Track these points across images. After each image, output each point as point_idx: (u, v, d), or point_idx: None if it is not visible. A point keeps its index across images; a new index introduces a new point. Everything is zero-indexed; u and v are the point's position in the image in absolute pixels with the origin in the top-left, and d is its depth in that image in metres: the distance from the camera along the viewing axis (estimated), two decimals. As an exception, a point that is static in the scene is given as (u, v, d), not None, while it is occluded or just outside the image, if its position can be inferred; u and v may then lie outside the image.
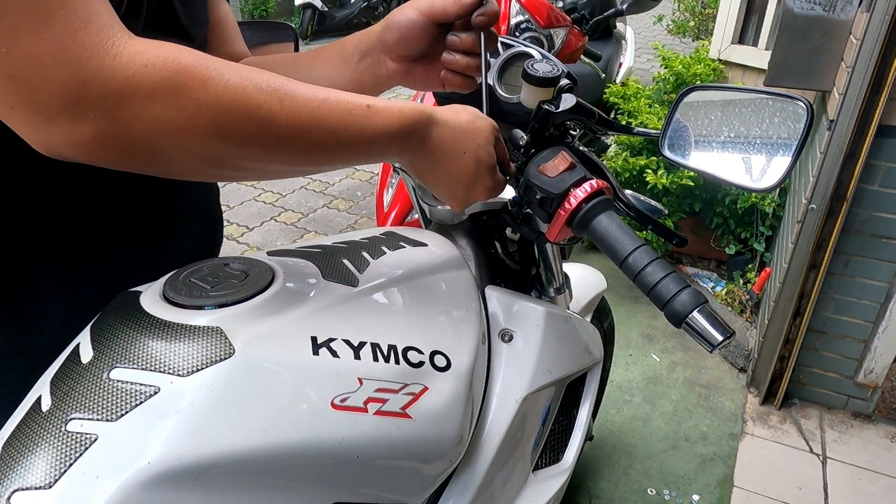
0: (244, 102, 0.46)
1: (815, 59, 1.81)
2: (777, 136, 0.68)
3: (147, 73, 0.42)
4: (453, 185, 0.63)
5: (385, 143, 0.56)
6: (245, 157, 0.49)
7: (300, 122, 0.49)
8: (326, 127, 0.51)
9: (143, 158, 0.46)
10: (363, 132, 0.53)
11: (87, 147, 0.43)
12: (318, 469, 0.53)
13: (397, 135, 0.56)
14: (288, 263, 0.63)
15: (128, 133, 0.43)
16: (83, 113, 0.41)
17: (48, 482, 0.43)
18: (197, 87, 0.44)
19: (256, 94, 0.46)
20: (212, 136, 0.45)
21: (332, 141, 0.52)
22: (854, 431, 1.99)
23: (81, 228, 0.63)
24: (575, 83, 0.72)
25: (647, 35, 8.32)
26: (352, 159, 0.56)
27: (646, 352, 2.36)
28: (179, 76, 0.43)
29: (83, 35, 0.41)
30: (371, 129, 0.54)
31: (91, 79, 0.41)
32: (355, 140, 0.53)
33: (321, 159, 0.53)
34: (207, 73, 0.44)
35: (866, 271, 1.83)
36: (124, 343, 0.51)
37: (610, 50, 3.18)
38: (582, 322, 0.99)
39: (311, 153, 0.52)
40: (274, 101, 0.47)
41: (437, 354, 0.64)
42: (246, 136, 0.47)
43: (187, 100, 0.43)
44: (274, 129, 0.48)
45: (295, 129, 0.49)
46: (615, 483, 1.79)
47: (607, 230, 0.60)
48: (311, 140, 0.50)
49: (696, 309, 0.55)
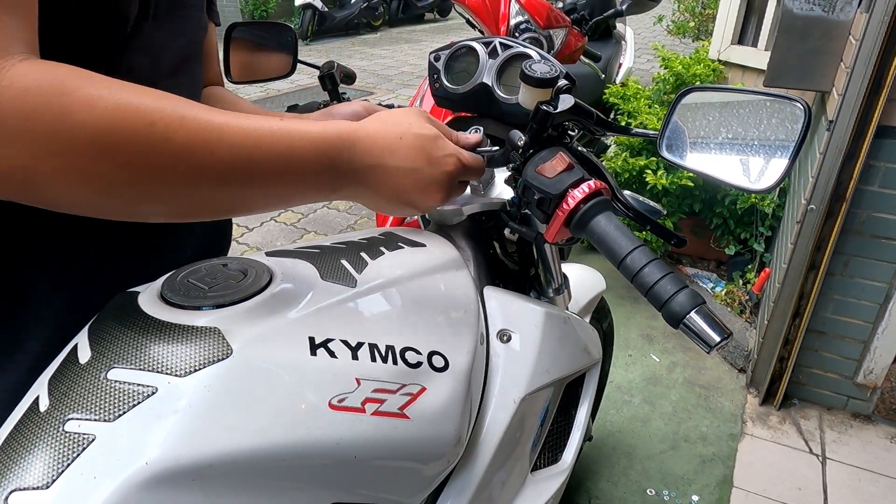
0: (134, 120, 0.43)
1: (814, 59, 1.81)
2: (775, 137, 0.68)
3: (28, 98, 0.41)
4: (414, 176, 0.59)
5: (306, 163, 0.52)
6: (135, 181, 0.45)
7: (200, 137, 0.46)
8: (233, 145, 0.47)
9: (20, 188, 0.43)
10: (275, 150, 0.50)
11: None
12: (316, 469, 0.53)
13: (319, 149, 0.52)
14: (286, 264, 0.63)
15: (2, 158, 0.41)
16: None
17: (46, 482, 0.43)
18: (79, 109, 0.42)
19: (151, 112, 0.44)
20: (94, 158, 0.43)
21: (236, 160, 0.47)
22: (853, 432, 1.99)
23: (81, 229, 0.63)
24: (573, 84, 0.72)
25: (646, 35, 8.33)
26: (272, 189, 0.51)
27: (645, 352, 2.36)
28: (63, 98, 0.41)
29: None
30: (287, 149, 0.50)
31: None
32: (269, 162, 0.49)
33: (226, 185, 0.48)
34: (96, 94, 0.43)
35: (866, 272, 1.83)
36: (122, 343, 0.51)
37: (610, 50, 3.19)
38: (581, 322, 0.99)
39: (219, 182, 0.47)
40: (173, 118, 0.45)
41: (435, 355, 0.64)
42: (134, 155, 0.44)
43: (68, 122, 0.41)
44: (169, 148, 0.44)
45: (194, 148, 0.45)
46: (614, 483, 1.79)
47: (605, 231, 0.60)
48: (215, 161, 0.46)
49: (693, 310, 0.55)
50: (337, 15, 9.50)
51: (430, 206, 0.63)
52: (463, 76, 0.84)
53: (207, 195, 0.49)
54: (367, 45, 9.39)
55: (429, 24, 12.04)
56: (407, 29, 11.20)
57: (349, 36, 10.07)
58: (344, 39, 9.77)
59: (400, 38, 10.20)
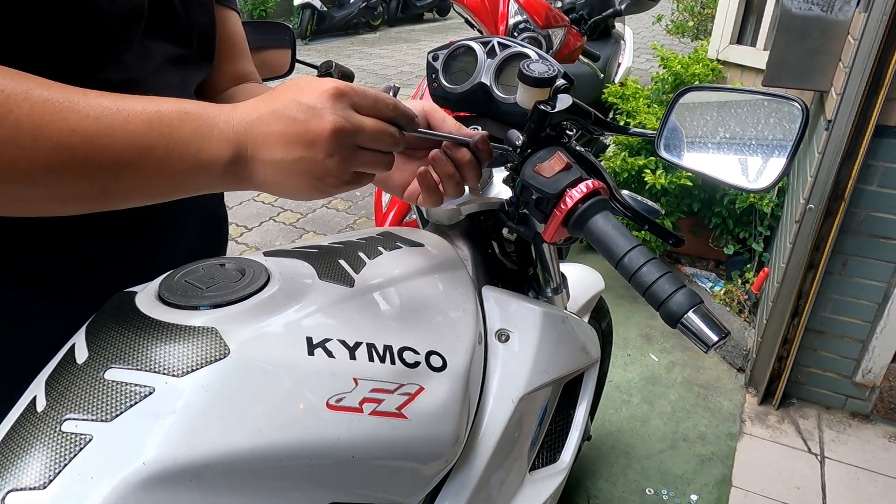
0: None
1: (812, 59, 1.81)
2: (772, 137, 0.68)
3: None
4: (302, 197, 0.55)
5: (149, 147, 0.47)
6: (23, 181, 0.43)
7: (48, 116, 0.43)
8: (77, 123, 0.44)
9: None
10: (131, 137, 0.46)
11: None
12: (314, 469, 0.53)
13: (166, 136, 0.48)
14: (284, 264, 0.63)
15: None
16: None
17: (43, 482, 0.43)
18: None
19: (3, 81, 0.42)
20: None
21: (90, 133, 0.45)
22: (852, 431, 1.99)
23: (78, 229, 0.63)
24: (571, 83, 0.72)
25: (645, 35, 8.33)
26: (149, 183, 0.48)
27: (644, 352, 2.36)
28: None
29: None
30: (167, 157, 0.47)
31: None
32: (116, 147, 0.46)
33: (83, 174, 0.45)
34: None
35: (864, 271, 1.83)
36: (119, 343, 0.51)
37: (608, 50, 3.19)
38: (579, 322, 0.99)
39: (65, 161, 0.44)
40: (23, 87, 0.42)
41: (433, 355, 0.64)
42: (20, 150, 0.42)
43: None
44: (15, 117, 0.42)
45: (40, 125, 0.43)
46: (613, 483, 1.79)
47: (603, 230, 0.60)
48: (62, 140, 0.44)
49: (691, 309, 0.55)
50: (336, 15, 9.50)
51: (334, 194, 0.56)
52: (461, 76, 0.84)
53: (69, 187, 0.46)
54: (365, 45, 9.39)
55: (428, 23, 12.04)
56: (406, 28, 11.19)
57: (348, 35, 10.07)
58: (343, 39, 9.77)
59: (399, 37, 10.20)
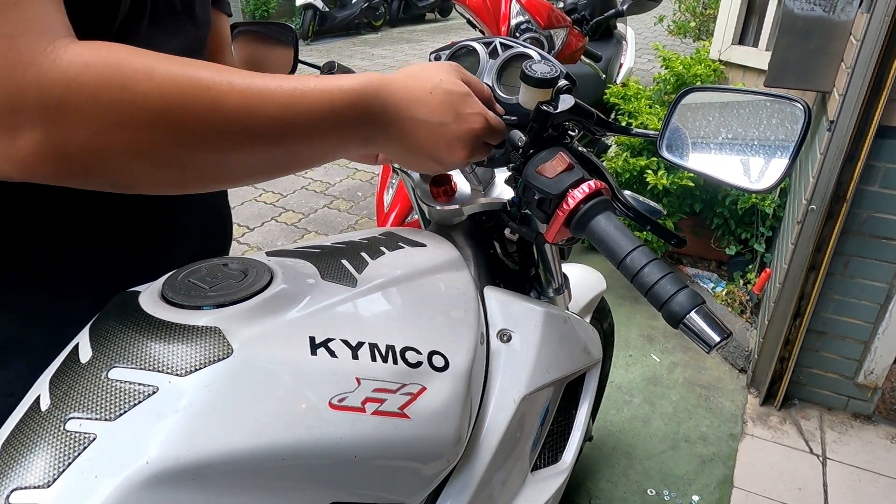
0: (191, 86, 0.45)
1: (815, 59, 1.81)
2: (775, 138, 0.68)
3: (88, 72, 0.41)
4: (440, 132, 0.60)
5: (342, 112, 0.53)
6: (195, 148, 0.46)
7: (251, 100, 0.47)
8: (277, 103, 0.49)
9: (88, 169, 0.44)
10: (318, 102, 0.51)
11: (25, 162, 0.41)
12: (316, 469, 0.53)
13: (351, 98, 0.54)
14: (287, 264, 0.63)
15: (70, 141, 0.41)
16: (19, 125, 0.40)
17: (47, 481, 0.44)
18: (140, 79, 0.43)
19: (204, 78, 0.46)
20: (160, 128, 0.44)
21: (285, 119, 0.50)
22: (854, 432, 1.99)
23: (82, 229, 0.63)
24: (574, 84, 0.72)
25: (647, 36, 8.33)
26: (314, 142, 0.53)
27: (646, 352, 2.36)
28: (123, 71, 0.42)
29: (21, 42, 0.39)
30: (328, 99, 0.52)
31: (28, 86, 0.39)
32: (310, 114, 0.51)
33: (278, 144, 0.51)
34: (150, 64, 0.43)
35: (866, 272, 1.83)
36: (123, 343, 0.51)
37: (610, 51, 3.18)
38: (581, 322, 0.99)
39: (266, 137, 0.49)
40: (223, 82, 0.46)
41: (436, 354, 0.64)
42: (194, 122, 0.45)
43: (132, 93, 0.42)
44: (224, 107, 0.46)
45: (247, 108, 0.47)
46: (615, 483, 1.79)
47: (605, 231, 0.61)
48: (263, 120, 0.48)
49: (693, 310, 0.55)
50: (338, 15, 9.50)
51: (454, 163, 0.64)
52: (463, 75, 0.84)
53: (259, 156, 0.50)
54: (367, 45, 9.40)
55: (429, 24, 12.04)
56: (408, 29, 11.20)
57: (350, 36, 10.07)
58: (345, 39, 9.77)
59: (401, 38, 10.20)
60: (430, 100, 0.59)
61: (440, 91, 0.59)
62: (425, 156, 0.62)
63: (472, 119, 0.62)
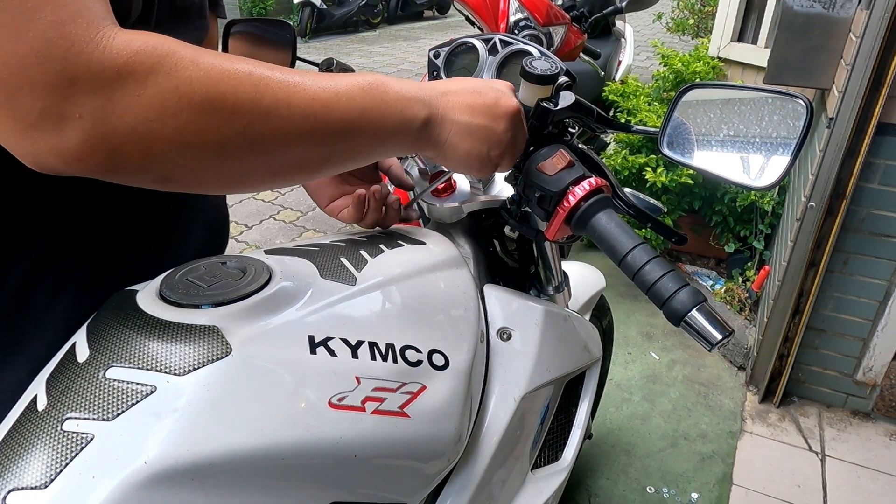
0: (235, 71, 0.45)
1: (814, 56, 1.81)
2: (776, 135, 0.68)
3: (139, 60, 0.41)
4: (467, 167, 0.64)
5: (391, 142, 0.56)
6: (243, 137, 0.47)
7: (295, 88, 0.48)
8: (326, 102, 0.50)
9: (135, 160, 0.44)
10: (389, 110, 0.54)
11: (74, 154, 0.41)
12: (316, 469, 0.53)
13: (404, 136, 0.56)
14: (285, 262, 0.63)
15: (117, 132, 0.41)
16: (69, 115, 0.40)
17: (44, 482, 0.43)
18: (187, 65, 0.43)
19: (245, 64, 0.47)
20: (208, 113, 0.44)
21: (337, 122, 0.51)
22: (853, 429, 1.99)
23: (83, 229, 0.63)
24: (574, 81, 0.71)
25: (646, 33, 8.32)
26: (364, 148, 0.55)
27: (645, 350, 2.36)
28: (171, 58, 0.42)
29: (71, 29, 0.39)
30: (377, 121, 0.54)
31: (79, 75, 0.39)
32: (374, 119, 0.53)
33: (328, 147, 0.52)
34: (195, 53, 0.44)
35: (865, 269, 1.83)
36: (121, 342, 0.50)
37: (609, 48, 3.18)
38: (581, 320, 0.99)
39: (316, 139, 0.50)
40: (263, 68, 0.47)
41: (436, 353, 0.64)
42: (242, 103, 0.45)
43: (179, 78, 0.42)
44: (269, 92, 0.47)
45: (290, 94, 0.48)
46: (614, 481, 1.79)
47: (606, 228, 0.60)
48: (307, 108, 0.49)
49: (694, 307, 0.54)
50: (336, 12, 9.48)
51: (490, 174, 0.69)
52: (463, 73, 0.84)
53: (308, 151, 0.51)
54: (365, 43, 9.38)
55: (428, 21, 12.02)
56: (406, 26, 11.18)
57: (348, 33, 10.05)
58: (343, 37, 9.75)
59: (399, 35, 10.19)
60: (477, 149, 0.62)
61: (485, 150, 0.63)
62: (469, 166, 0.65)
63: (504, 164, 0.66)
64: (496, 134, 0.62)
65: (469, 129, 0.61)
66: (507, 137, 0.63)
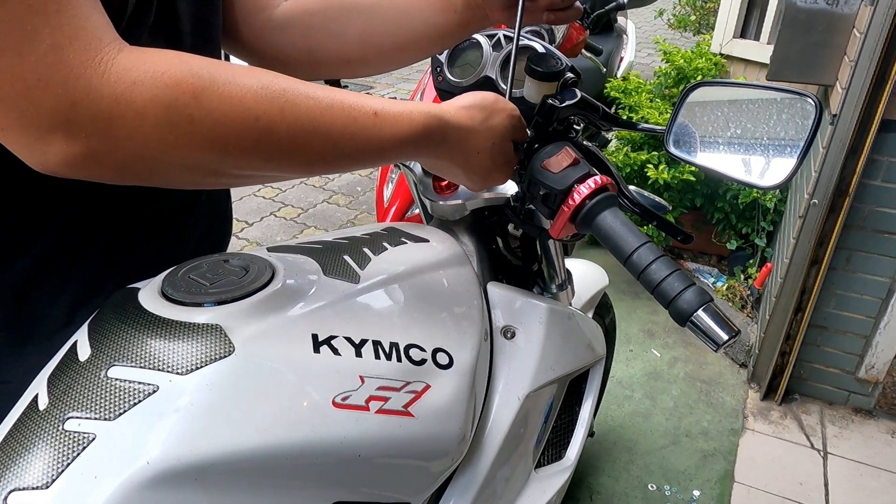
0: (241, 114, 0.45)
1: (817, 53, 1.80)
2: (784, 133, 0.67)
3: (136, 91, 0.41)
4: (467, 177, 0.65)
5: (394, 150, 0.55)
6: (243, 167, 0.48)
7: (302, 132, 0.48)
8: (329, 137, 0.50)
9: (139, 175, 0.45)
10: (369, 141, 0.52)
11: (82, 165, 0.42)
12: (320, 468, 0.53)
13: (406, 143, 0.56)
14: (288, 260, 0.62)
15: (121, 151, 0.42)
16: (75, 132, 0.40)
17: (45, 482, 0.43)
18: (188, 102, 0.42)
19: (254, 104, 0.45)
20: (207, 150, 0.44)
21: (336, 151, 0.51)
22: (855, 427, 1.99)
23: (85, 226, 0.62)
24: (579, 77, 0.71)
25: (647, 29, 8.29)
26: (359, 166, 0.56)
27: (646, 347, 2.36)
28: (170, 91, 0.42)
29: (70, 53, 0.39)
30: (378, 139, 0.53)
31: (79, 99, 0.40)
32: (360, 150, 0.52)
33: (325, 168, 0.53)
34: (200, 85, 0.43)
35: (868, 267, 1.82)
36: (122, 341, 0.50)
37: (611, 44, 3.17)
38: (585, 318, 0.98)
39: (314, 163, 0.51)
40: (274, 110, 0.46)
41: (440, 352, 0.63)
42: (244, 150, 0.46)
43: (179, 115, 0.42)
44: (274, 139, 0.47)
45: (296, 140, 0.48)
46: (616, 479, 1.79)
47: (611, 227, 0.60)
48: (313, 150, 0.49)
49: (701, 307, 0.54)
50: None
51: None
52: (467, 69, 0.83)
53: (303, 171, 0.52)
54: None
55: (428, 17, 11.97)
56: (406, 22, 11.13)
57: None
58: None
59: (399, 31, 10.14)
60: (475, 158, 0.64)
61: (487, 155, 0.64)
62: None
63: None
64: (475, 176, 0.65)
65: (453, 171, 0.64)
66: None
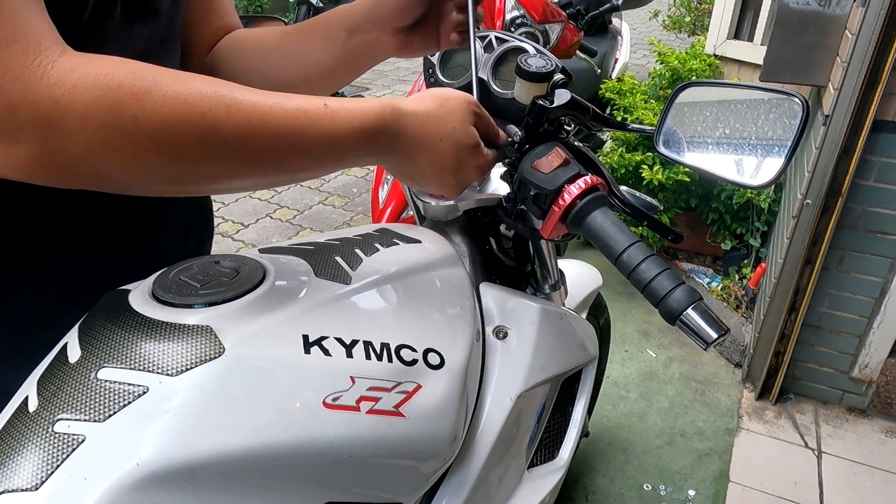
0: (186, 113, 0.44)
1: (810, 53, 1.81)
2: (772, 133, 0.67)
3: (77, 93, 0.40)
4: (438, 174, 0.62)
5: (349, 144, 0.53)
6: (193, 171, 0.47)
7: (250, 128, 0.47)
8: (279, 131, 0.48)
9: (86, 178, 0.44)
10: (321, 133, 0.51)
11: (25, 168, 0.41)
12: (311, 469, 0.53)
13: (361, 133, 0.54)
14: (280, 261, 0.62)
15: (65, 154, 0.41)
16: (15, 136, 0.40)
17: (35, 484, 0.43)
18: (132, 104, 0.42)
19: (199, 101, 0.45)
20: (152, 152, 0.44)
21: (287, 146, 0.49)
22: (849, 426, 1.99)
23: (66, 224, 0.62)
24: (569, 78, 0.71)
25: (642, 31, 8.31)
26: (316, 166, 0.54)
27: (642, 347, 2.36)
28: (112, 93, 0.41)
29: (7, 56, 0.39)
30: (330, 130, 0.51)
31: (17, 102, 0.39)
32: (314, 143, 0.51)
33: (278, 168, 0.51)
34: (143, 86, 0.43)
35: (861, 266, 1.83)
36: (112, 342, 0.50)
37: (605, 45, 3.18)
38: (577, 319, 0.98)
39: (266, 161, 0.49)
40: (220, 107, 0.45)
41: (431, 352, 0.64)
42: (189, 149, 0.45)
43: (122, 117, 0.42)
44: (220, 137, 0.46)
45: (244, 136, 0.47)
46: (611, 479, 1.79)
47: (601, 227, 0.60)
48: (263, 146, 0.48)
49: (690, 306, 0.54)
50: (332, 10, 9.46)
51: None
52: (458, 70, 0.84)
53: (256, 174, 0.51)
54: (362, 41, 9.33)
55: (424, 19, 11.97)
56: (402, 24, 11.13)
57: (344, 31, 10.00)
58: (339, 35, 9.71)
59: (395, 33, 10.14)
60: (438, 147, 0.60)
61: (450, 141, 0.61)
62: (419, 183, 0.64)
63: (471, 171, 0.65)
64: (443, 171, 0.62)
65: (417, 164, 0.61)
66: (455, 177, 0.63)
